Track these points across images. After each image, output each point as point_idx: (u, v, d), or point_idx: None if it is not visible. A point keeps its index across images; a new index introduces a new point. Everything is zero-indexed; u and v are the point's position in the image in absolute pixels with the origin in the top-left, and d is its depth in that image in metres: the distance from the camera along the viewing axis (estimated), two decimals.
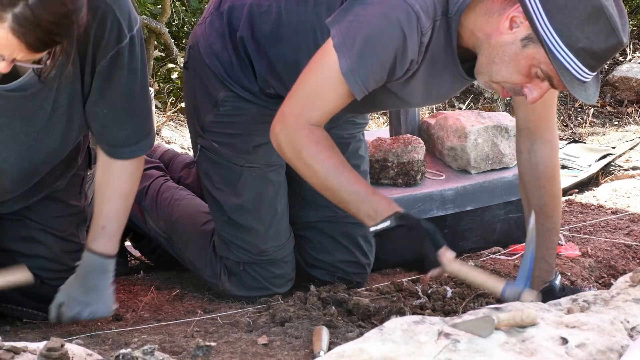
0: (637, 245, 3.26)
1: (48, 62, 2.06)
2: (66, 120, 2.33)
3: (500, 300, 2.64)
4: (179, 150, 4.68)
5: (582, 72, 2.15)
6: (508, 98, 5.61)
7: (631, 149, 4.87)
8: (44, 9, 1.92)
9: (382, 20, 2.20)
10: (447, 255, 2.24)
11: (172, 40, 5.98)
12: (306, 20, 2.47)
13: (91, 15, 2.10)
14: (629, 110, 6.05)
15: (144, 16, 5.85)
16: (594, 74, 2.19)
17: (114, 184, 2.42)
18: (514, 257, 3.12)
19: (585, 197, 4.09)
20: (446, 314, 2.57)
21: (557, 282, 2.56)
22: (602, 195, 4.06)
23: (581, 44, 2.12)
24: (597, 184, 4.37)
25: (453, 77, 2.37)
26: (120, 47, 2.27)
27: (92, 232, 2.44)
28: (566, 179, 4.23)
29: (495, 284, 2.25)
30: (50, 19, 1.93)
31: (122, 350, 1.75)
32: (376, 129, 5.01)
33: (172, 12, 6.11)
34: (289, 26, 2.50)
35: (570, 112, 5.94)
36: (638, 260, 3.17)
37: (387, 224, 2.24)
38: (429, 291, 2.75)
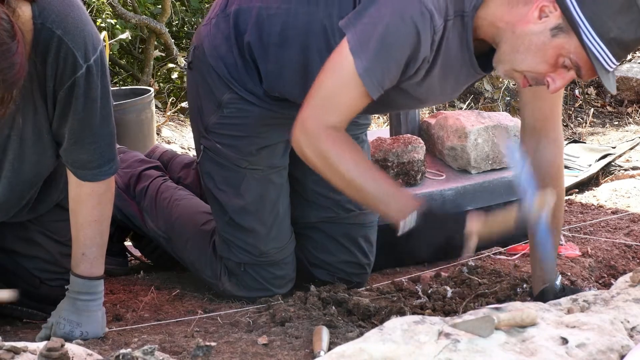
0: (637, 245, 3.26)
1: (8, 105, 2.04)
2: (38, 149, 2.33)
3: (500, 300, 2.64)
4: (179, 150, 4.69)
5: (610, 62, 2.16)
6: (508, 98, 5.63)
7: (631, 149, 4.86)
8: None
9: (396, 19, 2.20)
10: (473, 226, 2.22)
11: (172, 40, 5.98)
12: (316, 20, 2.46)
13: (45, 49, 2.13)
14: (629, 110, 6.05)
15: (144, 16, 5.85)
16: (618, 64, 2.20)
17: (84, 209, 2.38)
18: (514, 256, 3.12)
19: (586, 197, 4.09)
20: (446, 314, 2.57)
21: (558, 282, 2.56)
22: (602, 195, 4.06)
23: (612, 33, 2.13)
24: (597, 184, 4.37)
25: (467, 73, 2.36)
26: (77, 77, 2.25)
27: (73, 258, 2.41)
28: (566, 179, 4.22)
29: (508, 218, 2.23)
30: None
31: (122, 350, 1.75)
32: (376, 129, 5.01)
33: (172, 12, 6.12)
34: (298, 27, 2.49)
35: (571, 112, 5.94)
36: (638, 260, 3.17)
37: (413, 221, 2.23)
38: (429, 291, 2.75)
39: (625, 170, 4.51)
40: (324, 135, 2.28)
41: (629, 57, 6.49)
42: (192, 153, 4.52)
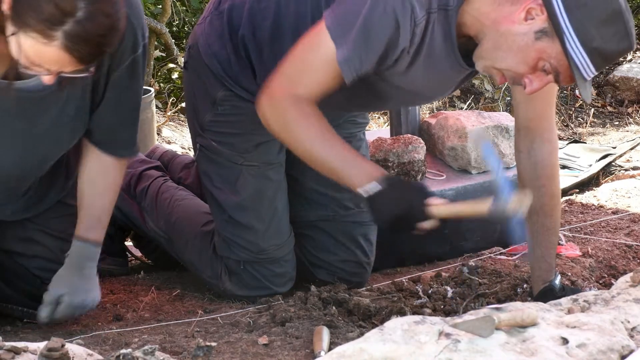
0: (637, 245, 3.26)
1: (92, 69, 2.08)
2: (69, 129, 2.34)
3: (500, 300, 2.65)
4: (179, 150, 4.69)
5: (590, 70, 2.16)
6: (509, 98, 5.63)
7: (632, 149, 4.87)
8: (93, 23, 1.95)
9: (378, 9, 2.21)
10: (434, 203, 2.24)
11: (173, 41, 5.98)
12: (306, 11, 2.47)
13: None
14: (630, 110, 6.05)
15: (144, 16, 5.85)
16: (597, 73, 2.20)
17: (109, 178, 2.46)
18: (514, 257, 3.12)
19: (586, 197, 4.09)
20: (447, 314, 2.57)
21: (557, 282, 2.57)
22: (603, 195, 4.06)
23: (595, 43, 2.13)
24: (597, 184, 4.37)
25: (452, 67, 2.36)
26: (136, 56, 2.29)
27: (85, 222, 2.45)
28: (567, 179, 4.23)
29: (480, 207, 2.25)
30: (99, 32, 1.97)
31: (123, 350, 1.75)
32: (377, 128, 5.01)
33: (172, 12, 6.12)
34: (288, 19, 2.50)
35: (571, 112, 5.94)
36: (638, 261, 3.17)
37: (375, 187, 2.24)
38: (430, 291, 2.75)
39: (626, 170, 4.51)
40: (291, 104, 2.30)
41: (629, 57, 6.49)
42: (193, 153, 4.52)
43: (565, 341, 1.73)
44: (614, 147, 4.88)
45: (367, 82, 2.37)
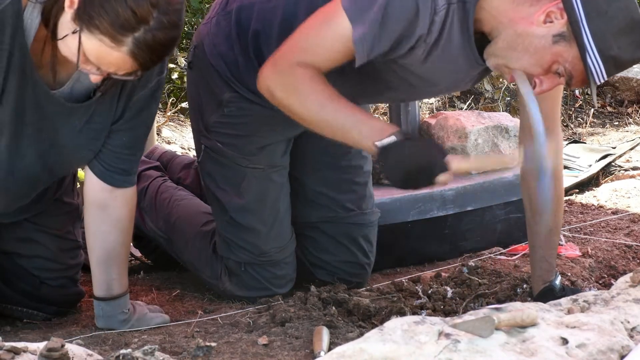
0: (637, 245, 3.26)
1: (139, 73, 2.09)
2: (88, 144, 2.33)
3: (500, 300, 2.65)
4: (179, 150, 4.69)
5: (602, 77, 2.17)
6: (509, 98, 5.63)
7: (631, 149, 4.86)
8: (162, 32, 1.99)
9: None
10: (453, 160, 2.19)
11: None
12: (317, 4, 2.46)
13: None
14: (629, 110, 6.05)
15: None
16: (607, 79, 2.21)
17: (129, 213, 2.43)
18: (515, 257, 3.12)
19: (586, 197, 4.09)
20: (446, 314, 2.57)
21: (557, 282, 2.57)
22: (603, 195, 4.06)
23: (612, 52, 2.14)
24: (597, 184, 4.37)
25: (467, 62, 2.35)
26: (161, 78, 2.30)
27: (123, 275, 2.45)
28: (566, 179, 4.22)
29: (509, 159, 2.21)
30: (166, 42, 2.01)
31: (123, 351, 1.75)
32: None
33: None
34: (298, 16, 2.49)
35: (571, 113, 5.94)
36: (638, 261, 3.17)
37: (392, 138, 2.19)
38: (429, 291, 2.75)
39: (626, 170, 4.51)
40: (298, 68, 2.26)
41: None
42: (192, 153, 4.51)
43: (565, 341, 1.73)
44: (614, 147, 4.88)
45: (373, 74, 2.36)
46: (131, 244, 3.20)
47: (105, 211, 2.38)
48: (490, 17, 2.24)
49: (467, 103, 5.80)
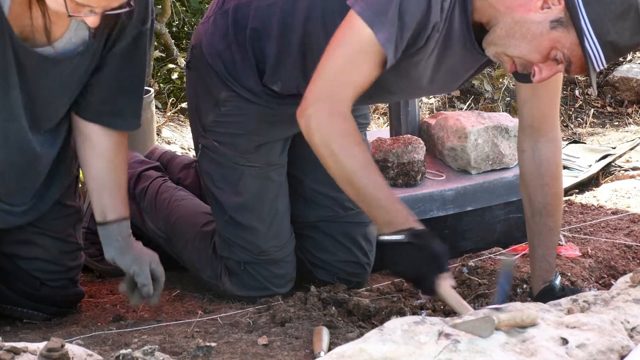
0: (637, 245, 3.26)
1: (131, 2, 2.09)
2: (69, 94, 2.36)
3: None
4: (179, 151, 4.69)
5: (601, 63, 2.17)
6: (508, 98, 5.63)
7: (631, 149, 4.86)
8: None
9: None
10: (444, 284, 2.21)
11: (172, 41, 5.98)
12: (315, 5, 2.46)
13: None
14: (629, 110, 6.05)
15: None
16: (606, 66, 2.21)
17: (122, 155, 2.50)
18: (514, 257, 3.12)
19: (586, 198, 4.08)
20: (446, 314, 2.57)
21: (557, 282, 2.57)
22: (603, 195, 4.06)
23: (610, 37, 2.14)
24: (597, 185, 4.36)
25: (466, 52, 2.35)
26: (144, 29, 2.30)
27: (118, 203, 2.51)
28: (566, 179, 4.22)
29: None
30: None
31: (123, 351, 1.75)
32: (376, 129, 5.01)
33: (172, 12, 6.11)
34: (296, 13, 2.49)
35: (571, 113, 5.94)
36: (638, 261, 3.17)
37: (399, 237, 2.21)
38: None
39: (626, 170, 4.51)
40: (335, 120, 2.24)
41: (629, 57, 6.49)
42: (192, 154, 4.51)
43: (565, 341, 1.73)
44: (614, 148, 4.88)
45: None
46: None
47: (89, 140, 2.46)
48: (488, 5, 2.24)
49: (467, 103, 5.80)
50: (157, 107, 5.31)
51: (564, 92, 6.08)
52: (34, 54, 2.19)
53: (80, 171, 2.83)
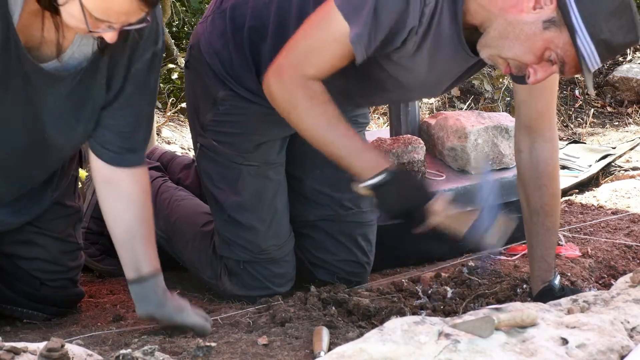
0: (637, 245, 3.26)
1: (149, 18, 2.08)
2: (88, 118, 2.30)
3: (500, 300, 2.65)
4: (179, 151, 4.69)
5: (595, 62, 2.16)
6: (508, 98, 5.63)
7: (631, 149, 4.86)
8: None
9: None
10: (436, 205, 2.24)
11: (173, 41, 5.98)
12: (307, 2, 2.47)
13: None
14: (629, 110, 6.05)
15: None
16: (601, 65, 2.21)
17: (140, 188, 2.35)
18: (514, 257, 3.12)
19: (586, 198, 4.08)
20: (446, 314, 2.57)
21: (557, 282, 2.57)
22: (602, 195, 4.06)
23: (603, 35, 2.13)
24: (597, 185, 4.36)
25: (457, 54, 2.35)
26: (157, 49, 2.27)
27: (151, 253, 2.36)
28: (566, 180, 4.22)
29: (461, 226, 2.25)
30: None
31: (123, 351, 1.75)
32: (376, 129, 5.01)
33: (172, 12, 6.11)
34: (292, 11, 2.50)
35: (570, 113, 5.94)
36: (638, 261, 3.17)
37: (379, 178, 2.24)
38: (429, 291, 2.75)
39: (626, 170, 4.50)
40: (299, 86, 2.28)
41: (629, 57, 6.49)
42: (192, 154, 4.52)
43: (565, 341, 1.73)
44: (614, 148, 4.88)
45: (371, 70, 2.36)
46: None
47: (113, 187, 2.32)
48: (480, 8, 2.24)
49: (467, 103, 5.80)
50: (157, 107, 5.31)
51: (564, 92, 6.08)
52: (39, 68, 2.16)
53: (80, 171, 2.83)
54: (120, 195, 2.33)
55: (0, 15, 2.05)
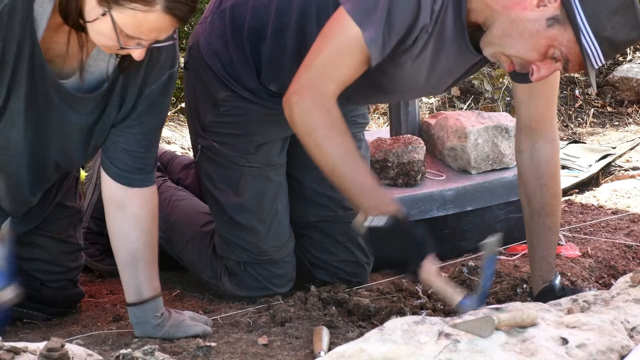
0: (637, 245, 3.26)
1: (174, 35, 2.09)
2: (98, 134, 2.29)
3: (500, 300, 2.65)
4: (179, 150, 4.68)
5: (599, 59, 2.17)
6: (508, 98, 5.62)
7: (631, 149, 4.86)
8: None
9: None
10: (427, 267, 2.22)
11: None
12: (309, 4, 2.46)
13: None
14: (629, 110, 6.05)
15: None
16: (605, 62, 2.20)
17: (149, 212, 2.34)
18: (514, 257, 3.12)
19: (586, 198, 4.08)
20: (446, 314, 2.57)
21: (557, 281, 2.57)
22: (603, 195, 4.06)
23: (607, 32, 2.14)
24: (597, 184, 4.36)
25: (460, 52, 2.35)
26: (172, 72, 2.26)
27: (154, 276, 2.34)
28: (566, 179, 4.22)
29: (453, 297, 2.24)
30: None
31: (123, 351, 1.75)
32: (376, 129, 5.01)
33: None
34: (292, 12, 2.50)
35: (571, 113, 5.94)
36: (638, 261, 3.17)
37: (381, 222, 2.23)
38: (429, 291, 2.75)
39: (626, 170, 4.50)
40: (319, 110, 2.27)
41: (629, 57, 6.49)
42: (192, 154, 4.52)
43: (565, 341, 1.73)
44: (614, 148, 4.88)
45: (372, 73, 2.36)
46: None
47: (123, 210, 2.32)
48: (484, 5, 2.24)
49: (467, 103, 5.80)
50: None
51: (564, 92, 6.08)
52: (63, 88, 2.17)
53: (80, 172, 2.83)
54: (128, 217, 2.32)
55: (27, 33, 2.06)
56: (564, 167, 4.36)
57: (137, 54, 2.05)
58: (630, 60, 6.45)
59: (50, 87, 2.15)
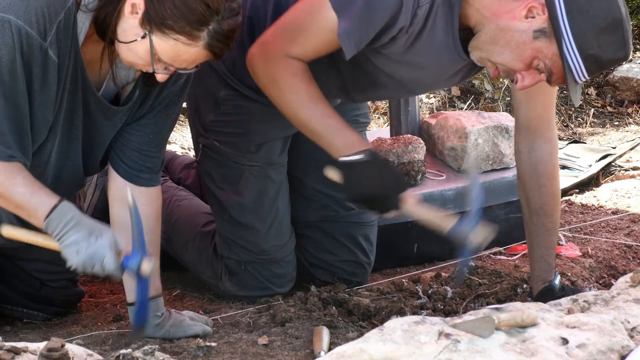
0: (637, 245, 3.26)
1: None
2: (109, 137, 2.30)
3: (500, 300, 2.65)
4: (179, 150, 4.68)
5: (582, 75, 2.17)
6: (509, 98, 5.63)
7: (632, 149, 4.86)
8: (233, 18, 2.00)
9: None
10: (408, 198, 2.26)
11: None
12: None
13: None
14: (630, 110, 6.05)
15: None
16: (589, 78, 2.21)
17: (154, 212, 2.35)
18: (514, 257, 3.12)
19: (586, 198, 4.09)
20: (446, 314, 2.57)
21: (557, 281, 2.57)
22: (603, 195, 4.06)
23: (592, 50, 2.14)
24: (597, 184, 4.37)
25: (451, 56, 2.35)
26: (189, 74, 2.27)
27: (155, 277, 2.32)
28: (566, 179, 4.22)
29: (444, 224, 2.26)
30: (236, 26, 2.02)
31: (123, 351, 1.75)
32: (377, 129, 5.01)
33: None
34: (289, 3, 2.50)
35: (571, 113, 5.94)
36: (638, 261, 3.17)
37: (358, 157, 2.25)
38: (430, 291, 2.75)
39: (626, 170, 4.51)
40: (281, 61, 2.29)
41: (629, 57, 6.49)
42: (193, 153, 4.52)
43: (565, 341, 1.73)
44: (614, 147, 4.88)
45: (361, 64, 2.37)
46: None
47: (126, 206, 2.26)
48: (475, 11, 2.25)
49: (467, 103, 5.80)
50: None
51: (564, 92, 6.08)
52: (99, 98, 2.18)
53: None
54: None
55: (73, 46, 2.06)
56: (564, 167, 4.36)
57: (161, 77, 2.07)
58: (630, 60, 6.45)
59: (89, 99, 2.16)
